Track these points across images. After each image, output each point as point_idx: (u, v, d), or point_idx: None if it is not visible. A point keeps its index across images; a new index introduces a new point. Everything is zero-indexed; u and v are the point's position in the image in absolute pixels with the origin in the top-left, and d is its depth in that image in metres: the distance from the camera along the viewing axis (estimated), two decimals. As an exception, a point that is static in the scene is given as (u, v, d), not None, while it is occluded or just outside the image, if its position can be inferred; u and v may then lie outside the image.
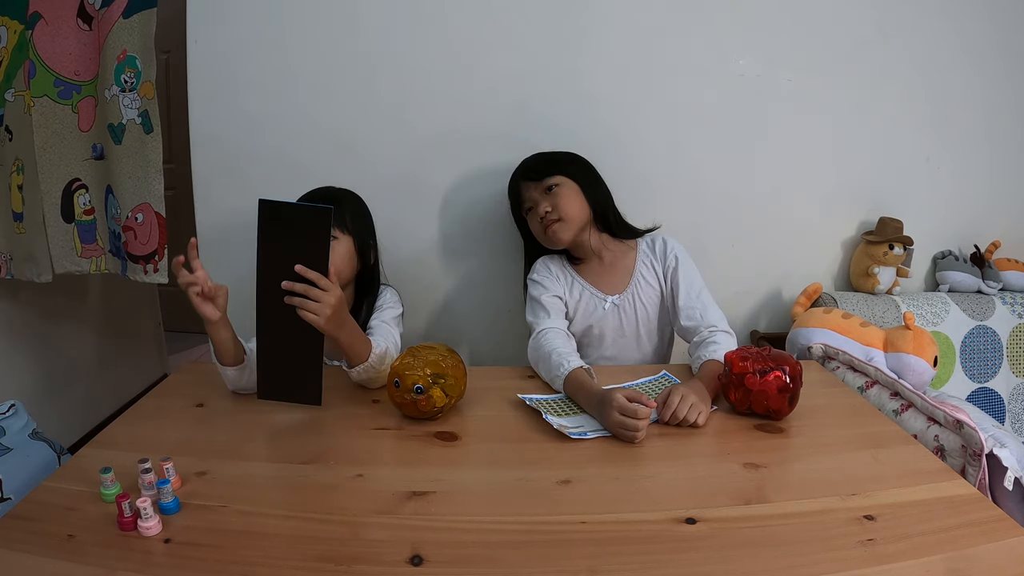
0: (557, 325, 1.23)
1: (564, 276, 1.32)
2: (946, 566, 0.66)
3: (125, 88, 1.36)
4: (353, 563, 0.67)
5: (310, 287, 0.90)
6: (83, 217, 1.48)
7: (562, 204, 1.24)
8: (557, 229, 1.24)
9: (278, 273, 0.90)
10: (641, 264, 1.30)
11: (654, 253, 1.31)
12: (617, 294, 1.29)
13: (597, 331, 1.30)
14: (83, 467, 0.85)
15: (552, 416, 0.95)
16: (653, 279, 1.30)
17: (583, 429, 0.93)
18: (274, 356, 0.96)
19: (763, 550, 0.69)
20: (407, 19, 1.46)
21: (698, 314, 1.23)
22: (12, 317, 1.75)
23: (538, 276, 1.31)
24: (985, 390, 1.58)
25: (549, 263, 1.33)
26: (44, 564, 0.67)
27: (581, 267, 1.32)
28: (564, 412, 1.00)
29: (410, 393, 0.95)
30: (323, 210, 0.88)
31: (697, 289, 1.26)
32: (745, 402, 0.99)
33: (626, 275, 1.30)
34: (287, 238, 0.89)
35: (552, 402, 1.05)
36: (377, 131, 1.51)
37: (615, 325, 1.30)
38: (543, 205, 1.24)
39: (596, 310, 1.29)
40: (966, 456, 0.95)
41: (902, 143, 1.62)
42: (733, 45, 1.52)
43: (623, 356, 1.32)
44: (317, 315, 0.90)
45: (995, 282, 1.65)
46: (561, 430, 0.91)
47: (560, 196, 1.24)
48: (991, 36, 1.59)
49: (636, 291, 1.29)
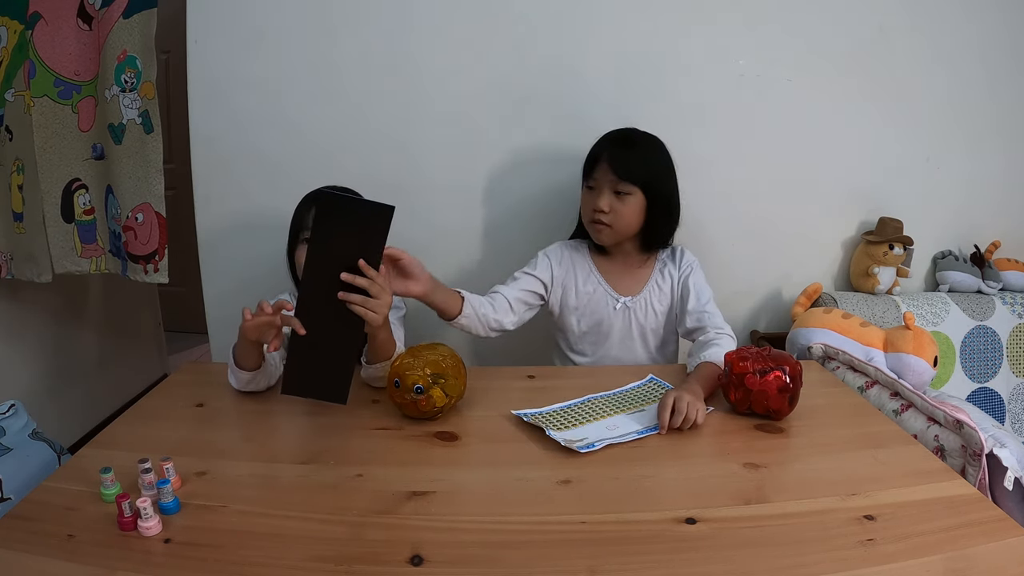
0: (507, 295, 1.25)
1: (581, 267, 1.31)
2: (946, 566, 0.66)
3: (125, 88, 1.36)
4: (353, 563, 0.67)
5: (372, 283, 0.89)
6: (83, 217, 1.48)
7: (621, 213, 1.21)
8: (601, 231, 1.24)
9: (330, 267, 0.88)
10: (658, 272, 1.31)
11: (673, 261, 1.31)
12: (630, 296, 1.29)
13: (604, 329, 1.31)
14: (83, 467, 0.85)
15: (555, 432, 0.93)
16: (667, 287, 1.30)
17: (589, 441, 0.91)
18: (309, 351, 0.92)
19: (763, 550, 0.69)
20: (407, 19, 1.46)
21: (705, 318, 1.24)
22: (12, 317, 1.75)
23: (543, 254, 1.32)
24: (985, 390, 1.58)
25: (571, 251, 1.33)
26: (44, 564, 0.67)
27: (603, 262, 1.32)
28: (565, 424, 0.97)
29: (410, 393, 0.95)
30: (386, 208, 0.86)
31: (707, 297, 1.27)
32: (745, 402, 0.99)
33: (642, 280, 1.30)
34: (344, 234, 0.87)
35: (551, 415, 1.00)
36: (377, 131, 1.51)
37: (623, 326, 1.30)
38: (603, 201, 1.20)
39: (606, 308, 1.30)
40: (966, 456, 0.95)
41: (902, 143, 1.62)
42: (733, 45, 1.52)
43: (627, 358, 1.32)
44: (376, 313, 0.90)
45: (995, 282, 1.65)
46: (568, 446, 0.89)
47: (624, 205, 1.20)
48: (991, 36, 1.59)
49: (649, 296, 1.29)
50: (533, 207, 1.56)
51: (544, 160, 1.53)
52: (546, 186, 1.54)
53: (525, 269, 1.30)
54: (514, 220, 1.57)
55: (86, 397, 2.05)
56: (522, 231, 1.56)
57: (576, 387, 1.11)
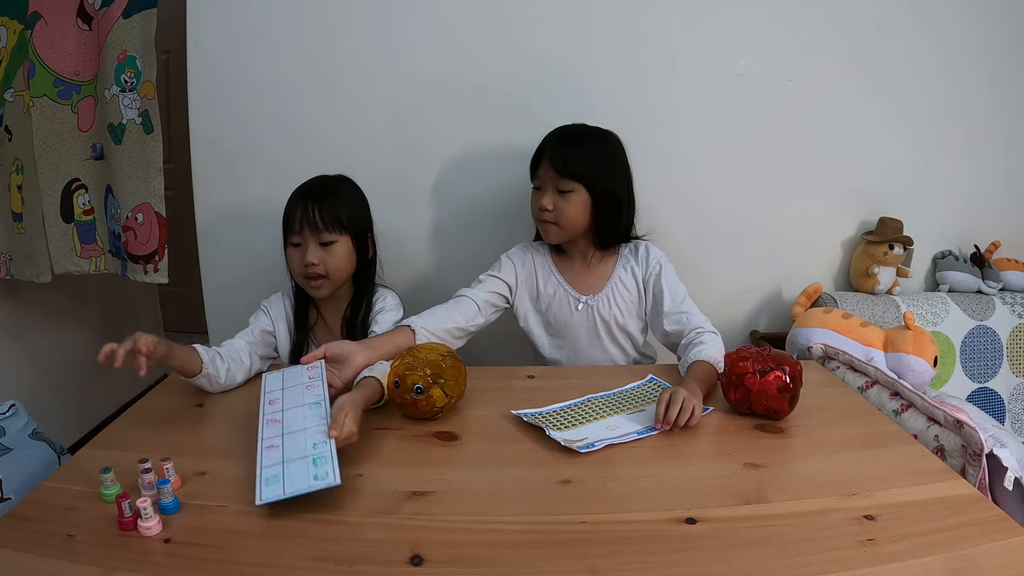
0: (472, 297, 1.24)
1: (542, 268, 1.30)
2: (946, 566, 0.66)
3: (125, 88, 1.36)
4: (353, 563, 0.67)
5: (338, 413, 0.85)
6: (83, 217, 1.48)
7: (565, 211, 1.20)
8: (548, 229, 1.23)
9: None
10: (620, 268, 1.29)
11: (635, 258, 1.29)
12: (591, 295, 1.28)
13: (571, 331, 1.30)
14: (83, 467, 0.85)
15: (555, 432, 0.93)
16: (631, 283, 1.28)
17: (589, 441, 0.91)
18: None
19: (763, 550, 0.69)
20: (406, 19, 1.46)
21: (684, 318, 1.22)
22: (12, 317, 1.75)
23: (506, 256, 1.31)
24: (985, 390, 1.58)
25: (531, 252, 1.32)
26: (44, 564, 0.67)
27: (562, 262, 1.31)
28: (565, 425, 0.97)
29: (410, 393, 0.95)
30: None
31: (681, 296, 1.25)
32: (745, 402, 0.99)
33: (603, 277, 1.29)
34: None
35: (551, 415, 1.00)
36: (376, 131, 1.51)
37: (588, 326, 1.29)
38: (547, 199, 1.20)
39: (568, 308, 1.29)
40: (966, 456, 0.95)
41: (902, 143, 1.62)
42: (733, 45, 1.52)
43: (601, 358, 1.31)
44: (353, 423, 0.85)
45: (995, 282, 1.65)
46: (568, 446, 0.89)
47: (568, 203, 1.19)
48: (992, 36, 1.59)
49: (611, 294, 1.28)
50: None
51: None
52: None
53: (490, 272, 1.29)
54: (515, 220, 1.57)
55: (86, 397, 2.05)
56: (524, 229, 1.56)
57: (576, 387, 1.10)
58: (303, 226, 1.15)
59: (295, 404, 0.91)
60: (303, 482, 0.76)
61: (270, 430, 0.86)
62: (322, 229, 1.15)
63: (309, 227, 1.15)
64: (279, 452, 0.82)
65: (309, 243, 1.16)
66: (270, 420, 0.89)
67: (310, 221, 1.15)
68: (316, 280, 1.17)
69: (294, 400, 0.92)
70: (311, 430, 0.85)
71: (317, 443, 0.82)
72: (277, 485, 0.76)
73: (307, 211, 1.15)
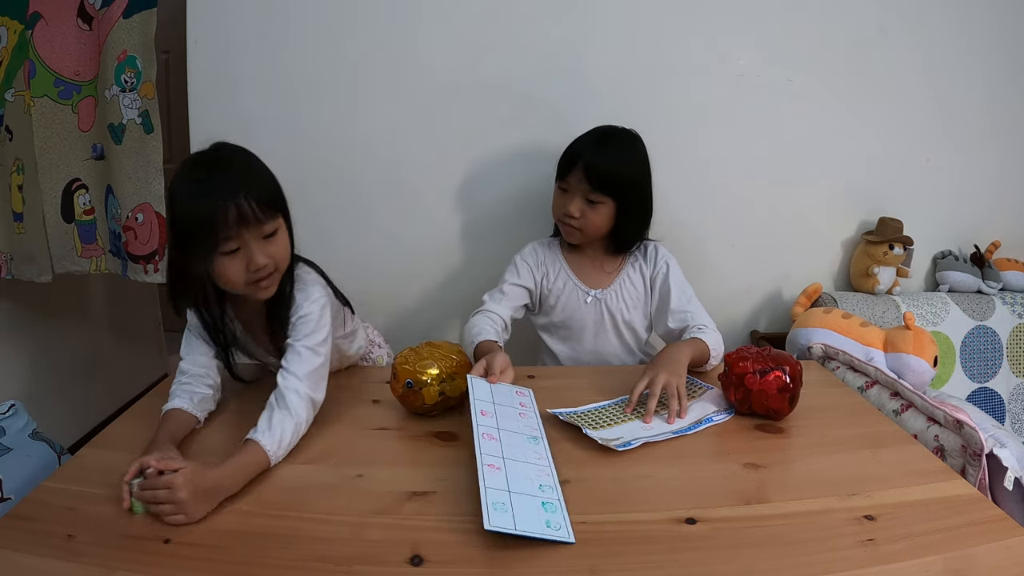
0: (499, 312, 1.25)
1: (552, 264, 1.33)
2: (946, 566, 0.66)
3: (125, 88, 1.36)
4: (353, 563, 0.67)
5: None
6: (83, 217, 1.48)
7: (592, 220, 1.22)
8: (571, 233, 1.26)
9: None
10: (629, 266, 1.32)
11: (644, 257, 1.32)
12: (600, 289, 1.30)
13: (577, 323, 1.32)
14: (83, 467, 0.85)
15: (591, 430, 0.93)
16: (639, 281, 1.31)
17: (625, 440, 0.91)
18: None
19: (763, 550, 0.69)
20: (407, 18, 1.46)
21: (689, 316, 1.24)
22: (12, 317, 1.75)
23: (521, 259, 1.32)
24: (985, 390, 1.58)
25: (543, 249, 1.34)
26: (44, 564, 0.67)
27: (574, 258, 1.33)
28: (601, 424, 0.97)
29: (402, 386, 0.96)
30: None
31: (688, 295, 1.27)
32: (745, 402, 0.99)
33: (612, 273, 1.32)
34: None
35: (586, 415, 1.01)
36: (376, 131, 1.51)
37: (596, 319, 1.31)
38: (574, 206, 1.21)
39: (577, 301, 1.31)
40: (966, 456, 0.95)
41: (902, 143, 1.62)
42: (733, 45, 1.52)
43: (606, 350, 1.33)
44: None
45: (995, 282, 1.65)
46: (606, 444, 0.89)
47: (596, 213, 1.22)
48: (992, 36, 1.59)
49: (619, 289, 1.30)
50: (535, 204, 1.55)
51: (547, 160, 1.53)
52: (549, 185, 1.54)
53: (510, 280, 1.30)
54: (515, 219, 1.57)
55: (86, 397, 2.05)
56: (527, 229, 1.55)
57: (577, 387, 1.11)
58: (239, 227, 0.88)
59: (510, 428, 0.88)
60: (535, 526, 0.71)
61: (488, 446, 0.82)
62: (263, 220, 0.90)
63: (246, 225, 0.89)
64: (502, 477, 0.77)
65: (251, 243, 0.90)
66: (486, 435, 0.84)
67: (246, 216, 0.88)
68: (265, 280, 0.95)
69: (507, 423, 0.89)
70: (534, 467, 0.82)
71: (544, 486, 0.78)
72: (506, 515, 0.71)
73: (239, 206, 0.87)
